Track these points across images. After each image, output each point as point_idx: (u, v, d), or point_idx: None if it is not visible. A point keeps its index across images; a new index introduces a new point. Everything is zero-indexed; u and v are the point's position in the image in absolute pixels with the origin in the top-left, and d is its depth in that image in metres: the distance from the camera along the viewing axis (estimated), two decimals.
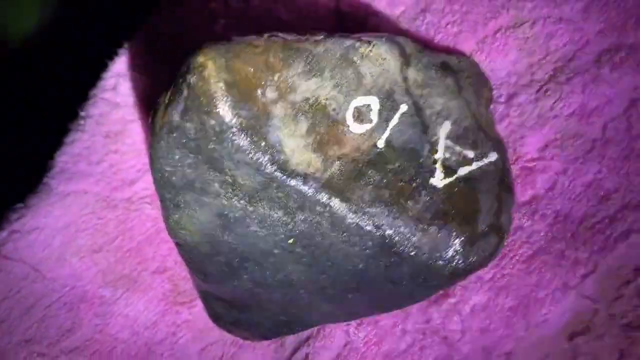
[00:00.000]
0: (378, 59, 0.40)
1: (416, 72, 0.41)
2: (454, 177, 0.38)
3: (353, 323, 0.45)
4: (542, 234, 0.40)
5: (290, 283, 0.41)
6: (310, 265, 0.39)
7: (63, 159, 0.56)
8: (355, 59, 0.39)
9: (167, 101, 0.34)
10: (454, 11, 0.49)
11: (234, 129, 0.33)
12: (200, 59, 0.33)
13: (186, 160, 0.35)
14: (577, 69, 0.42)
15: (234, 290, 0.43)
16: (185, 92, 0.33)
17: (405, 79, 0.41)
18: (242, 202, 0.36)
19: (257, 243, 0.39)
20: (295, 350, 0.47)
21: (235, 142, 0.34)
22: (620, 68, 0.41)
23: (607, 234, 0.39)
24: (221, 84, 0.33)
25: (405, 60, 0.41)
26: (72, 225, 0.52)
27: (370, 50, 0.40)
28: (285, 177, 0.35)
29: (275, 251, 0.39)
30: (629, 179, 0.39)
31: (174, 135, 0.34)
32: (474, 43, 0.48)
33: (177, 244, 0.42)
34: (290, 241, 0.38)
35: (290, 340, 0.49)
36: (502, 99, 0.45)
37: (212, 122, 0.33)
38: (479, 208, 0.38)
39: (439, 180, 0.38)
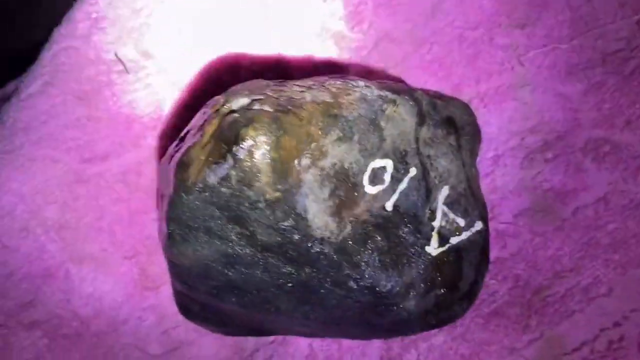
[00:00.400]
0: (399, 120, 0.41)
1: (427, 130, 0.43)
2: (447, 246, 0.42)
3: (318, 339, 0.49)
4: (501, 294, 0.46)
5: (276, 311, 0.43)
6: (301, 302, 0.42)
7: (30, 113, 0.51)
8: (382, 123, 0.39)
9: (204, 160, 0.33)
10: (464, 54, 0.50)
11: (269, 202, 0.34)
12: (252, 133, 0.32)
13: (211, 213, 0.35)
14: (564, 150, 0.46)
15: (215, 304, 0.45)
16: (230, 162, 0.33)
17: (417, 139, 0.42)
18: (253, 250, 0.37)
19: (255, 281, 0.40)
20: (258, 349, 0.50)
21: (267, 212, 0.34)
22: (602, 161, 0.45)
23: (556, 308, 0.45)
24: (268, 161, 0.33)
25: (420, 120, 0.42)
26: (38, 195, 0.49)
27: (395, 111, 0.40)
28: (304, 241, 0.36)
29: (272, 289, 0.41)
30: (583, 263, 0.45)
31: (206, 193, 0.34)
32: (475, 91, 0.49)
33: (170, 261, 0.42)
34: (290, 285, 0.40)
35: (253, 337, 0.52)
36: (491, 155, 0.48)
37: (251, 193, 0.33)
38: (462, 277, 0.42)
39: (433, 248, 0.41)
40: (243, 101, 0.35)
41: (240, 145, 0.32)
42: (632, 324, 0.42)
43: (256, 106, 0.33)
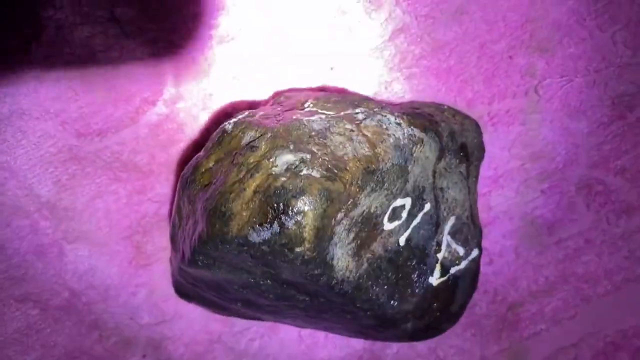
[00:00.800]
0: (423, 158, 0.41)
1: (444, 162, 0.44)
2: (447, 276, 0.44)
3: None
4: (480, 307, 0.50)
5: (280, 313, 0.46)
6: (308, 316, 0.44)
7: (16, 79, 0.46)
8: (409, 167, 0.40)
9: (248, 218, 0.33)
10: (482, 70, 0.49)
11: (305, 260, 0.34)
12: (302, 207, 0.32)
13: (244, 259, 0.35)
14: (560, 183, 0.49)
15: (217, 300, 0.46)
16: (276, 228, 0.32)
17: (434, 172, 0.43)
18: (275, 284, 0.38)
19: (268, 301, 0.42)
20: (249, 327, 0.53)
21: (301, 267, 0.35)
22: (592, 201, 0.48)
23: (526, 324, 0.50)
24: (313, 231, 0.33)
25: (440, 154, 0.43)
26: (30, 172, 0.46)
27: (421, 151, 0.41)
28: (327, 283, 0.38)
29: (282, 307, 0.43)
30: (556, 287, 0.49)
31: (245, 247, 0.34)
32: (487, 110, 0.50)
33: (180, 268, 0.42)
34: (302, 307, 0.42)
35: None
36: (490, 174, 0.50)
37: (291, 255, 0.34)
38: (454, 301, 0.46)
39: (435, 279, 0.44)
40: (288, 158, 0.34)
41: (289, 216, 0.32)
42: (586, 345, 0.49)
43: (304, 170, 0.33)
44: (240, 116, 0.40)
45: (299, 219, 0.32)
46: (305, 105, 0.41)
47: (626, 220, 0.48)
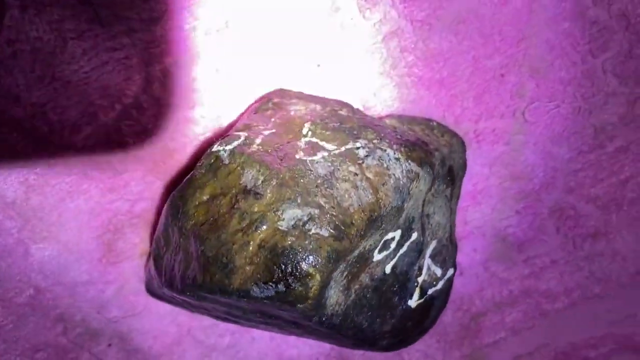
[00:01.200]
0: (417, 192, 0.41)
1: (433, 189, 0.44)
2: (424, 298, 0.46)
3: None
4: (446, 315, 0.52)
5: (259, 327, 0.46)
6: (289, 333, 0.44)
7: None
8: (405, 205, 0.39)
9: (251, 274, 0.32)
10: (473, 85, 0.48)
11: (306, 312, 0.34)
12: (310, 270, 0.31)
13: (238, 305, 0.35)
14: (534, 205, 0.50)
15: (192, 308, 0.46)
16: (281, 287, 0.32)
17: (424, 202, 0.43)
18: (264, 316, 0.38)
19: (246, 321, 0.42)
20: (216, 324, 0.53)
21: (299, 314, 0.35)
22: (562, 225, 0.50)
23: (487, 333, 0.53)
24: (318, 290, 0.32)
25: (432, 184, 0.43)
26: None
27: (416, 186, 0.40)
28: (317, 318, 0.38)
29: (261, 325, 0.43)
30: (518, 301, 0.52)
31: (245, 299, 0.33)
32: (473, 127, 0.49)
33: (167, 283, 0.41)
34: (284, 326, 0.42)
35: None
36: (470, 189, 0.51)
37: (291, 309, 0.33)
38: (428, 317, 0.47)
39: (414, 302, 0.45)
40: (296, 213, 0.33)
41: (297, 278, 0.31)
42: (540, 355, 0.52)
43: (312, 229, 0.32)
44: (235, 143, 0.38)
45: (306, 281, 0.32)
46: (304, 131, 0.39)
47: (591, 244, 0.51)
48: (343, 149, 0.38)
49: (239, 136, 0.39)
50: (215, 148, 0.38)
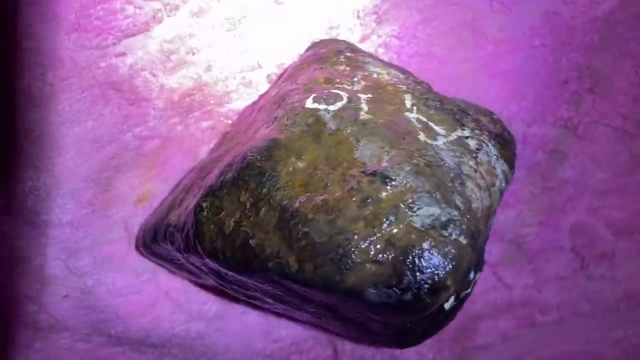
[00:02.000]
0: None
1: None
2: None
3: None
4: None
5: (267, 303, 0.39)
6: (304, 315, 0.39)
7: None
8: None
9: (372, 274, 0.26)
10: (535, 87, 0.45)
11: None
12: (450, 284, 0.28)
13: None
14: (557, 222, 0.49)
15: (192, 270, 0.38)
16: (408, 296, 0.27)
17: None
18: (308, 303, 0.33)
19: (267, 299, 0.36)
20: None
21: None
22: (575, 246, 0.50)
23: (479, 336, 0.51)
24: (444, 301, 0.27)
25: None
26: None
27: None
28: None
29: (281, 305, 0.37)
30: (515, 308, 0.51)
31: (351, 299, 0.27)
32: (523, 130, 0.47)
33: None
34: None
35: None
36: None
37: (401, 317, 0.28)
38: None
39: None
40: (434, 212, 0.27)
41: (434, 294, 0.27)
42: None
43: (453, 234, 0.27)
44: (339, 104, 0.30)
45: (439, 294, 0.27)
46: (407, 105, 0.33)
47: (595, 265, 0.52)
48: (455, 136, 0.33)
49: (339, 96, 0.31)
50: (311, 105, 0.31)
